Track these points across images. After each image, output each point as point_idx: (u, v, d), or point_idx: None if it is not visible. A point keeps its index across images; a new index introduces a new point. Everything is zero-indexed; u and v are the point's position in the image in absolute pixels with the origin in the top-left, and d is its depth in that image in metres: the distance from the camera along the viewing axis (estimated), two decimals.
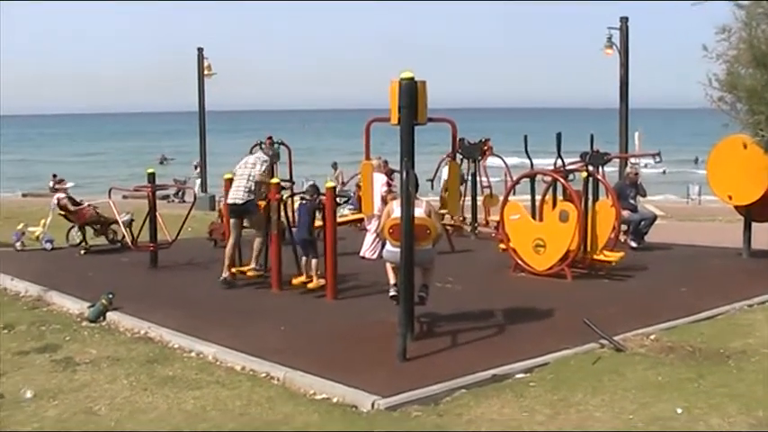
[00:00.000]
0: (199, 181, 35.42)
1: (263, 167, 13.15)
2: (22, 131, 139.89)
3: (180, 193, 36.01)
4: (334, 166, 34.29)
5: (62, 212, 17.21)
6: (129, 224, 16.41)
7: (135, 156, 78.97)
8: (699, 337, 9.91)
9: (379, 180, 15.03)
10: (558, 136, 14.34)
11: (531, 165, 15.58)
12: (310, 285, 12.37)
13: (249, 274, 13.24)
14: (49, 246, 17.04)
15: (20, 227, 17.55)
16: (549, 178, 14.73)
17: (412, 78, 8.97)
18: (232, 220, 13.31)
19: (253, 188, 12.96)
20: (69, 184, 18.35)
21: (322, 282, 12.25)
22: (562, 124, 22.35)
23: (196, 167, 37.73)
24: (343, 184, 26.38)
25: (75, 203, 17.26)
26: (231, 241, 13.24)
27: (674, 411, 7.38)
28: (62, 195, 17.29)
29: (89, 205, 17.54)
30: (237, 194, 13.04)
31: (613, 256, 13.92)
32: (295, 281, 12.61)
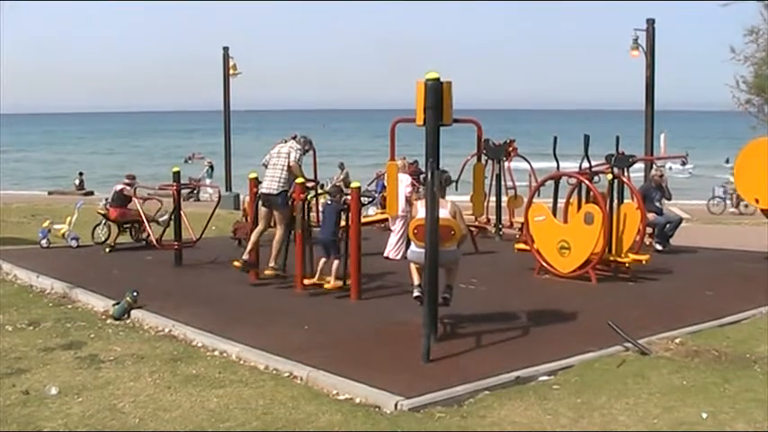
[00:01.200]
0: (209, 181, 35.32)
1: (298, 155, 13.14)
2: (42, 130, 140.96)
3: (194, 192, 35.58)
4: (341, 166, 34.06)
5: (101, 211, 17.21)
6: (167, 224, 16.45)
7: (159, 154, 79.32)
8: (724, 341, 9.84)
9: (404, 181, 15.02)
10: (586, 138, 14.27)
11: (558, 166, 15.50)
12: (327, 286, 12.35)
13: (267, 272, 13.24)
14: (74, 243, 17.13)
15: (46, 224, 17.65)
16: (574, 180, 14.67)
17: (437, 79, 8.95)
18: (263, 210, 13.34)
19: (287, 179, 12.95)
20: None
21: (339, 284, 12.23)
22: (586, 126, 22.26)
23: (211, 167, 37.66)
24: (348, 185, 26.25)
25: (128, 200, 17.22)
26: (260, 228, 13.33)
27: (700, 416, 7.32)
28: (128, 188, 17.28)
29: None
30: (272, 185, 13.04)
31: (638, 259, 13.84)
32: (307, 281, 12.58)
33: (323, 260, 12.48)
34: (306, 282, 12.50)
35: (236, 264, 13.36)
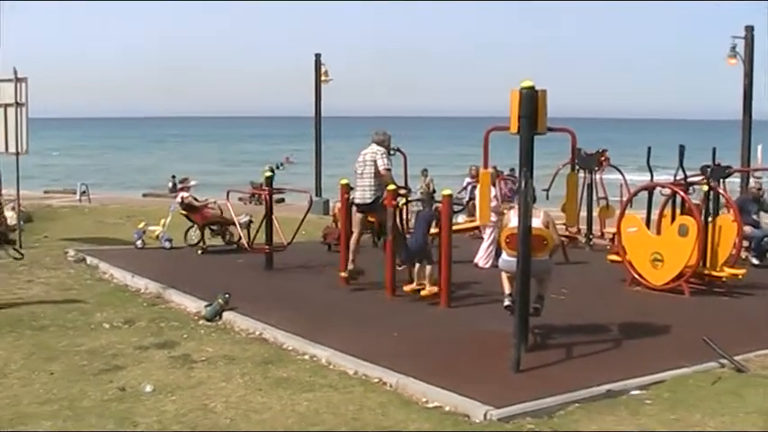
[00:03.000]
0: None
1: (385, 160, 13.14)
2: (142, 133, 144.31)
3: (256, 196, 35.12)
4: (424, 172, 33.72)
5: (184, 212, 17.62)
6: (247, 226, 16.71)
7: (250, 160, 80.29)
8: None
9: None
10: (681, 148, 14.02)
11: (652, 177, 15.25)
12: (423, 293, 12.33)
13: (343, 275, 13.43)
14: (167, 245, 17.48)
15: (141, 226, 18.08)
16: (667, 191, 14.42)
17: (532, 87, 8.89)
18: (358, 216, 13.45)
19: (378, 184, 13.00)
20: (193, 182, 18.72)
21: (435, 289, 12.21)
22: (678, 136, 21.82)
23: (271, 170, 37.36)
24: (434, 191, 26.07)
25: (197, 201, 17.65)
26: (355, 235, 13.44)
27: None
28: (186, 194, 17.70)
29: (214, 202, 17.92)
30: (365, 195, 13.11)
31: (734, 273, 13.53)
32: (407, 288, 12.60)
33: (417, 265, 12.47)
34: (405, 288, 12.50)
35: (343, 275, 13.48)
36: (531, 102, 8.84)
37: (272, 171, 16.24)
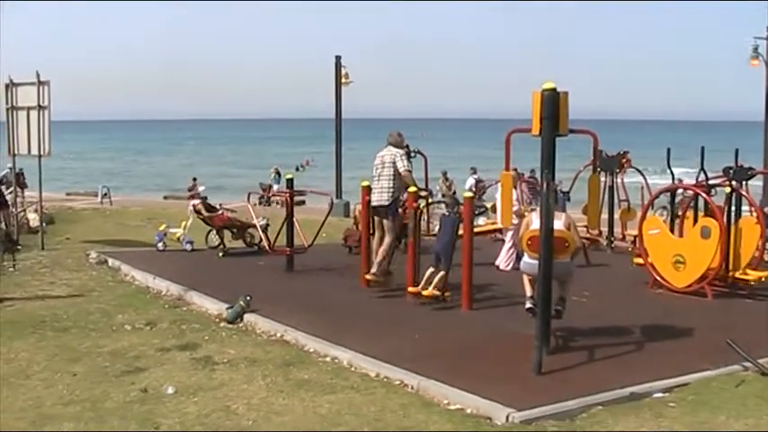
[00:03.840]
0: (276, 187, 35.35)
1: (405, 161, 13.13)
2: (162, 135, 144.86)
3: (267, 198, 35.40)
4: (445, 175, 33.52)
5: (200, 216, 17.69)
6: (264, 228, 16.74)
7: (260, 163, 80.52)
8: None
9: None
10: (702, 150, 13.94)
11: (673, 178, 15.17)
12: (425, 293, 12.22)
13: (367, 277, 13.35)
14: (189, 247, 17.53)
15: (162, 228, 18.13)
16: (690, 193, 14.33)
17: (554, 89, 8.86)
18: (376, 219, 13.46)
19: (396, 187, 12.99)
20: (201, 188, 18.75)
21: (436, 293, 12.16)
22: (697, 137, 21.74)
23: (277, 173, 37.82)
24: (454, 193, 26.17)
25: (211, 209, 17.65)
26: (378, 236, 13.42)
27: None
28: (196, 201, 17.77)
29: (226, 210, 17.97)
30: (382, 197, 13.13)
31: (757, 275, 13.43)
32: (412, 290, 12.49)
33: (430, 270, 12.41)
34: (410, 290, 12.47)
35: (367, 277, 13.42)
36: (553, 103, 8.81)
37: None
